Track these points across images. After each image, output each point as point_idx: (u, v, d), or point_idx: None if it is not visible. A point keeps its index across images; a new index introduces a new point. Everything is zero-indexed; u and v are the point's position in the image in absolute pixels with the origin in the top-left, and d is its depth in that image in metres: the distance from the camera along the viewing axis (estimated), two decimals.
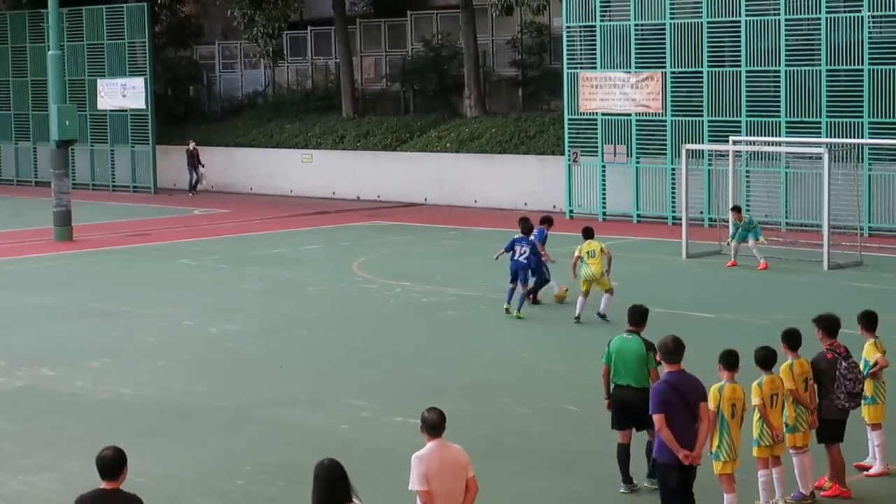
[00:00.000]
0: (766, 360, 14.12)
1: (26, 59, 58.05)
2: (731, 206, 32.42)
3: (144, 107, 53.79)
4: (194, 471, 16.22)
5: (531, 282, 26.47)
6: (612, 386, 14.94)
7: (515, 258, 25.62)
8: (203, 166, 52.70)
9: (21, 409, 19.51)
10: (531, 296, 26.59)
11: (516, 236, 26.03)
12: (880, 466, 15.38)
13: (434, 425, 10.92)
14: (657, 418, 12.54)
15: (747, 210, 34.42)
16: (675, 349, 12.73)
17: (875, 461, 15.43)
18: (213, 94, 60.94)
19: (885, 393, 15.38)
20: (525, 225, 26.20)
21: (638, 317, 15.03)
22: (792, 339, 14.50)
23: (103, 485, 9.87)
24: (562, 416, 18.58)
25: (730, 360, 13.46)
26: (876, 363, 15.14)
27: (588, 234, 25.67)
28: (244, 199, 51.40)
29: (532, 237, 26.21)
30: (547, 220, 27.96)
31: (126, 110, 54.42)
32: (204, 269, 33.01)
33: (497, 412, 18.69)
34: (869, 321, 15.47)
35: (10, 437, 17.98)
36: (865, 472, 15.39)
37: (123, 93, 54.22)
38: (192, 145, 52.96)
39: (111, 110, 54.88)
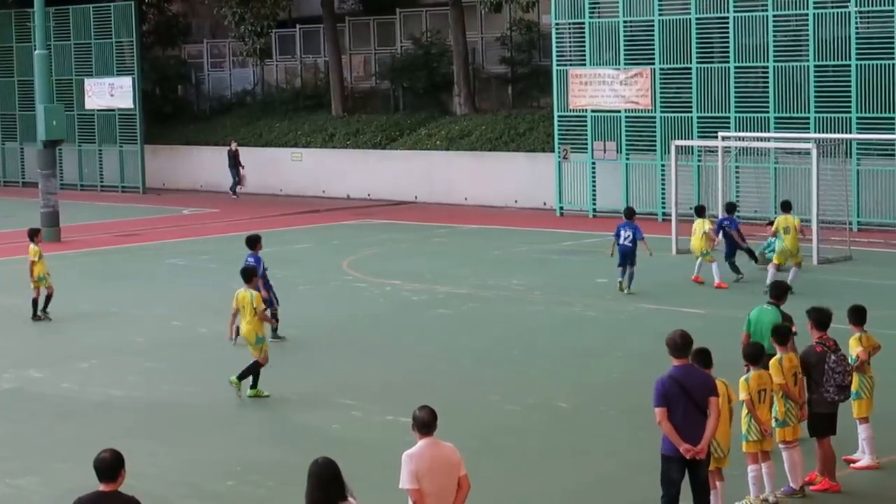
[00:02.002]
0: (754, 355, 14.11)
1: (12, 58, 57.90)
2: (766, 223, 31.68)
3: (132, 106, 53.65)
4: (184, 472, 16.18)
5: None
6: None
7: (621, 242, 27.58)
8: (244, 167, 51.41)
9: (8, 411, 19.45)
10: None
11: (620, 222, 28.18)
12: (869, 459, 15.38)
13: (425, 423, 10.90)
14: (657, 412, 12.53)
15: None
16: (682, 344, 12.68)
17: (864, 455, 15.43)
18: (201, 93, 60.82)
19: (872, 387, 15.38)
20: (628, 211, 28.90)
21: (778, 291, 16.72)
22: (780, 334, 14.50)
23: (101, 487, 9.82)
24: (552, 413, 18.55)
25: (703, 360, 13.25)
26: (857, 357, 15.13)
27: (786, 207, 27.63)
28: (234, 198, 51.27)
29: (632, 225, 27.88)
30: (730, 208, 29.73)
31: (114, 110, 54.30)
32: (193, 269, 32.96)
33: (487, 410, 18.66)
34: (857, 316, 15.48)
35: None
36: (853, 465, 15.38)
37: (111, 92, 54.09)
38: (234, 146, 51.71)
39: (99, 110, 54.76)
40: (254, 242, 23.88)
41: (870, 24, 37.43)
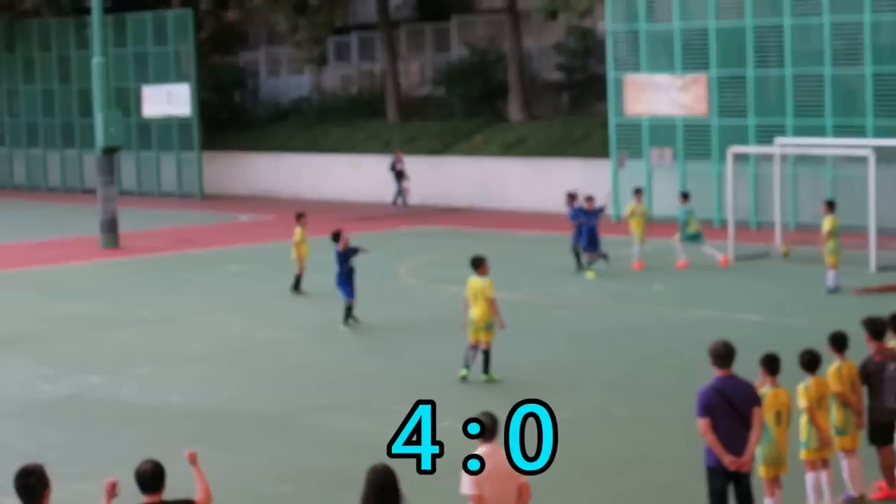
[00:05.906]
0: (812, 362, 14.01)
1: (71, 66, 58.40)
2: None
3: (189, 113, 54.00)
4: (241, 478, 16.25)
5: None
6: None
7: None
8: (409, 179, 49.46)
9: (68, 417, 19.61)
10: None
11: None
12: None
13: (487, 429, 10.90)
14: (701, 423, 12.46)
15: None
16: (726, 353, 12.62)
17: None
18: (257, 100, 61.11)
19: None
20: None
21: None
22: (838, 342, 14.42)
23: (145, 499, 9.87)
24: (608, 420, 18.50)
25: (771, 366, 13.30)
26: None
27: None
28: (290, 204, 51.42)
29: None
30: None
31: (171, 117, 54.67)
32: (251, 276, 33.11)
33: None
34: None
35: (56, 445, 18.07)
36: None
37: (169, 100, 54.45)
38: (401, 160, 49.31)
39: (157, 117, 55.14)
40: (336, 237, 26.49)
41: None
